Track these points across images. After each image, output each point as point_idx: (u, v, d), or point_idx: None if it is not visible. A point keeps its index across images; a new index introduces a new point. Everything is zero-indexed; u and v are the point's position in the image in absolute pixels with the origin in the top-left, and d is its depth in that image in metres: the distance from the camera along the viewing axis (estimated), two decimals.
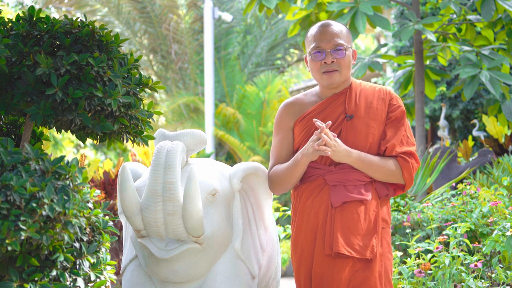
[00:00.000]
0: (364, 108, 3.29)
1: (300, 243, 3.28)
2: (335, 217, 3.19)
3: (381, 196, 3.28)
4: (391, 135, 3.29)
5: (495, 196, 5.04)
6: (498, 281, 4.27)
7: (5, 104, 2.77)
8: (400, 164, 3.26)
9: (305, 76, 21.89)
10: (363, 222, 3.19)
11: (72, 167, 2.63)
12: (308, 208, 3.27)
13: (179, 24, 16.35)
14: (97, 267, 2.80)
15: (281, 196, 12.82)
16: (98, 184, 6.02)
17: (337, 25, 3.32)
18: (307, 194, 3.29)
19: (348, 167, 3.24)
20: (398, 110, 3.32)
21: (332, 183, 3.23)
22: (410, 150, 3.29)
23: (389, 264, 3.26)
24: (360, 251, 3.16)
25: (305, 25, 7.11)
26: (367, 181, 3.25)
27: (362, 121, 3.27)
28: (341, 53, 3.26)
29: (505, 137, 8.42)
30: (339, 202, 3.20)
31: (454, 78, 11.25)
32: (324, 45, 3.27)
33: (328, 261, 3.18)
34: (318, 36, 3.29)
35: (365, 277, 3.16)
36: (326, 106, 3.31)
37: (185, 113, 15.77)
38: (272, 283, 3.65)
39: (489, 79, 6.39)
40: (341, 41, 3.27)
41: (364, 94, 3.32)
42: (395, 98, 3.35)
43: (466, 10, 7.16)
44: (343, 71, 3.28)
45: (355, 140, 3.25)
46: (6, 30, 2.85)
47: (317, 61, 3.28)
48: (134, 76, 2.91)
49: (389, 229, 3.31)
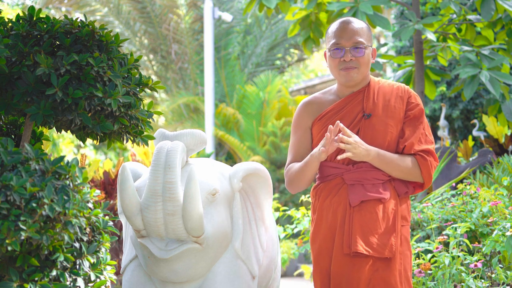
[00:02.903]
0: (382, 107, 3.28)
1: (318, 242, 3.29)
2: (353, 216, 3.19)
3: (400, 194, 3.27)
4: (410, 133, 3.28)
5: (495, 196, 5.04)
6: (498, 281, 4.27)
7: (5, 104, 2.77)
8: (419, 162, 3.25)
9: (305, 76, 21.90)
10: (382, 221, 3.19)
11: (72, 167, 2.63)
12: (327, 207, 3.27)
13: (179, 24, 16.35)
14: (97, 267, 2.80)
15: (281, 196, 12.82)
16: (98, 184, 6.02)
17: (358, 23, 3.30)
18: (325, 193, 3.29)
19: (366, 165, 3.23)
20: (417, 109, 3.31)
21: (350, 182, 3.23)
22: (429, 148, 3.28)
23: (408, 262, 3.25)
24: (379, 250, 3.16)
25: (305, 25, 7.10)
26: (385, 180, 3.24)
27: (380, 119, 3.27)
28: (360, 51, 3.25)
29: (505, 137, 8.42)
30: (357, 201, 3.20)
31: (454, 78, 11.25)
32: (343, 42, 3.26)
33: (347, 261, 3.18)
34: (338, 32, 3.28)
35: (385, 276, 3.16)
36: (344, 105, 3.31)
37: (185, 113, 15.77)
38: (272, 283, 3.65)
39: (489, 79, 6.38)
40: (361, 39, 3.26)
41: (382, 92, 3.32)
42: (414, 96, 3.34)
43: (466, 10, 7.16)
44: (362, 69, 3.27)
45: (373, 139, 3.25)
46: (6, 30, 2.85)
47: (335, 58, 3.27)
48: (134, 76, 2.91)
49: (408, 226, 3.30)
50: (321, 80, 15.88)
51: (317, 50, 20.39)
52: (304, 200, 5.83)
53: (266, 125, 13.99)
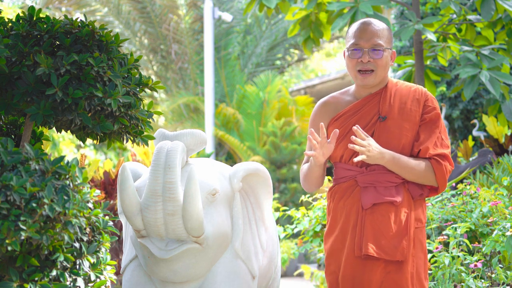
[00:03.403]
0: (398, 109, 3.27)
1: (329, 243, 3.29)
2: (365, 219, 3.19)
3: (414, 196, 3.26)
4: (425, 137, 3.26)
5: (495, 196, 5.04)
6: (498, 281, 4.27)
7: (5, 104, 2.77)
8: (433, 166, 3.23)
9: (305, 76, 21.89)
10: (394, 223, 3.18)
11: (72, 167, 2.63)
12: (340, 209, 3.27)
13: (179, 24, 16.35)
14: (97, 267, 2.80)
15: (281, 196, 12.83)
16: (98, 184, 6.02)
17: (379, 25, 3.29)
18: (339, 195, 3.29)
19: (379, 168, 3.22)
20: (433, 112, 3.28)
21: (363, 185, 3.23)
22: (444, 153, 3.26)
23: (421, 264, 3.23)
24: (390, 253, 3.15)
25: (305, 25, 7.10)
26: (398, 183, 3.23)
27: (395, 122, 3.25)
28: (378, 53, 3.24)
29: (505, 137, 8.41)
30: (369, 203, 3.19)
31: (454, 78, 11.25)
32: (362, 43, 3.25)
33: (358, 263, 3.18)
34: (358, 33, 3.27)
35: (397, 279, 3.15)
36: (361, 106, 3.30)
37: (185, 113, 15.77)
38: (272, 283, 3.65)
39: (489, 79, 6.38)
40: (380, 41, 3.24)
41: (399, 95, 3.30)
42: (431, 100, 3.31)
43: (466, 10, 7.16)
44: (379, 71, 3.25)
45: (387, 142, 3.23)
46: (6, 30, 2.85)
47: (354, 58, 3.26)
48: (134, 76, 2.91)
49: (423, 228, 3.28)
50: (321, 80, 15.87)
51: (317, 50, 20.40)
52: (304, 200, 5.83)
53: (266, 125, 13.99)
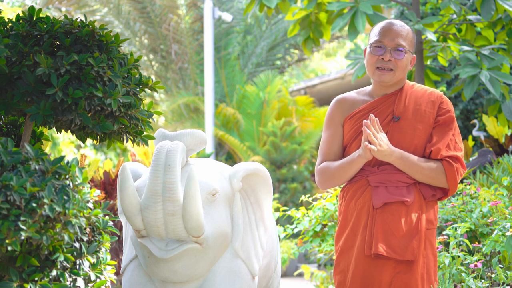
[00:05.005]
0: (412, 111, 3.29)
1: (340, 242, 3.30)
2: (376, 218, 3.20)
3: (426, 197, 3.26)
4: (438, 139, 3.27)
5: (495, 196, 5.04)
6: (498, 281, 4.27)
7: (5, 104, 2.77)
8: (445, 167, 3.24)
9: (305, 76, 21.89)
10: (404, 223, 3.18)
11: (72, 167, 2.63)
12: (351, 209, 3.28)
13: (179, 24, 16.35)
14: (97, 267, 2.80)
15: (281, 196, 12.82)
16: (98, 184, 6.01)
17: (404, 27, 3.33)
18: (351, 195, 3.30)
19: (391, 168, 3.24)
20: (448, 115, 3.31)
21: (375, 184, 3.24)
22: (456, 155, 3.27)
23: (431, 266, 3.24)
24: (400, 253, 3.15)
25: (304, 25, 7.10)
26: (410, 183, 3.24)
27: (408, 123, 3.27)
28: (400, 54, 3.28)
29: (505, 137, 8.41)
30: (380, 203, 3.20)
31: (454, 78, 11.25)
32: (386, 42, 3.29)
33: (368, 263, 3.19)
34: (382, 31, 3.31)
35: (406, 279, 3.16)
36: (376, 106, 3.33)
37: (185, 113, 15.77)
38: (272, 283, 3.65)
39: (489, 79, 6.38)
40: (404, 42, 3.29)
41: (414, 96, 3.33)
42: (446, 102, 3.34)
43: (466, 10, 7.16)
44: (397, 72, 3.29)
45: (399, 142, 3.25)
46: (6, 30, 2.85)
47: (375, 55, 3.30)
48: (134, 76, 2.91)
49: (434, 230, 3.28)
50: (321, 80, 15.86)
51: (317, 50, 20.39)
52: (304, 200, 5.82)
53: (266, 125, 13.98)
